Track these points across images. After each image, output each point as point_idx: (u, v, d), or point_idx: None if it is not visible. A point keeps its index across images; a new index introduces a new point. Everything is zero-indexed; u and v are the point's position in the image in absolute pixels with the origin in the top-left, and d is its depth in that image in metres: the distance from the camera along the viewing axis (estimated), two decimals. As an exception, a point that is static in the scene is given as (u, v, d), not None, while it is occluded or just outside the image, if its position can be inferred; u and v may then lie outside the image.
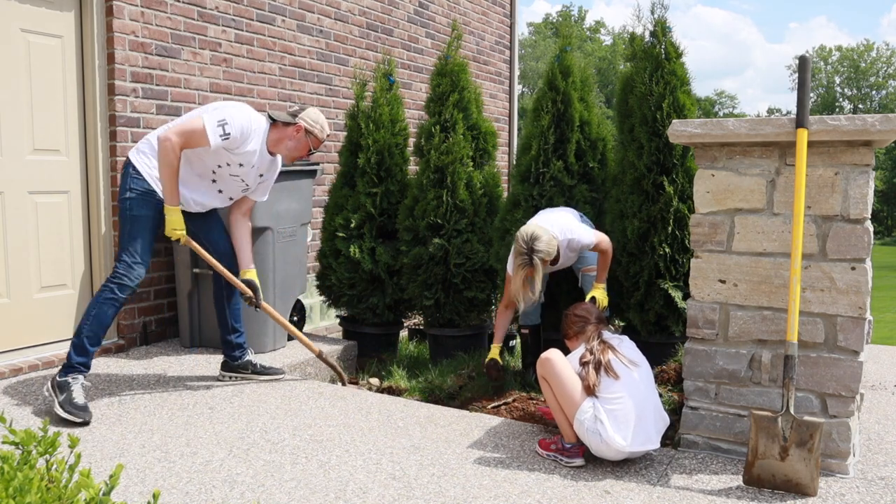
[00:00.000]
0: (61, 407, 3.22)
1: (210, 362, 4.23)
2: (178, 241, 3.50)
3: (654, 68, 4.02)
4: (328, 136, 3.71)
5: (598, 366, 2.92)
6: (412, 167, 4.96)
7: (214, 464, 2.84)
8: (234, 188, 3.64)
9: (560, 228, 3.65)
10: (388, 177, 4.83)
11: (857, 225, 2.76)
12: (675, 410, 3.43)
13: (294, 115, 3.59)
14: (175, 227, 3.44)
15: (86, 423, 3.19)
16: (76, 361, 3.36)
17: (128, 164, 3.52)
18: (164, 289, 4.71)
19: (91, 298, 3.39)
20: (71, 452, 1.56)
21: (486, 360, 3.95)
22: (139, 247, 3.46)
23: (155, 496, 1.47)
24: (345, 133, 5.04)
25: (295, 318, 4.87)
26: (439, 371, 4.31)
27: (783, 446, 2.63)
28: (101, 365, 4.14)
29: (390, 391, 4.17)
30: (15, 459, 1.48)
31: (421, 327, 5.66)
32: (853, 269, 2.77)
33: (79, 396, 3.27)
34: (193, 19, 4.84)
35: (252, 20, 5.26)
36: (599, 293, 3.78)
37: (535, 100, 4.44)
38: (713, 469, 2.87)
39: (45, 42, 4.18)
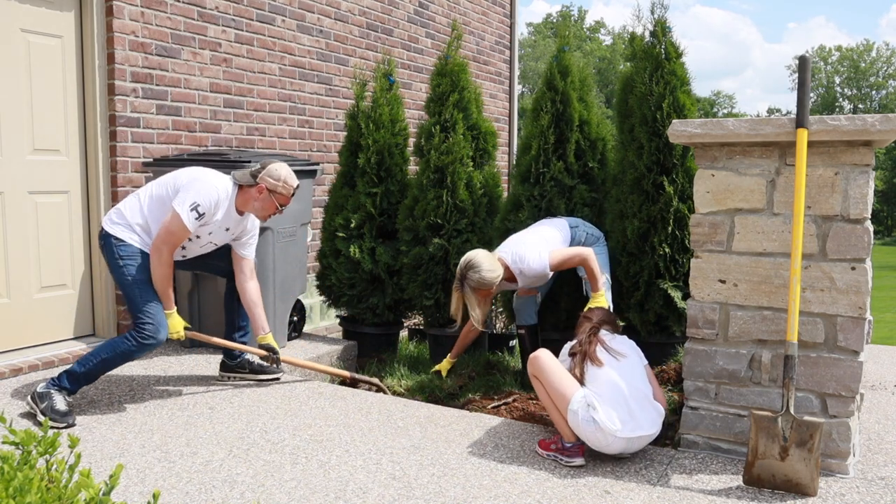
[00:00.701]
0: (43, 415, 3.20)
1: (210, 362, 4.23)
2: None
3: (654, 68, 4.02)
4: (297, 187, 3.60)
5: (583, 355, 3.01)
6: (412, 167, 4.96)
7: (214, 464, 2.84)
8: (203, 250, 3.66)
9: (516, 255, 3.68)
10: (388, 177, 4.82)
11: (857, 225, 2.76)
12: (675, 410, 3.43)
13: (255, 174, 3.51)
14: (174, 330, 3.43)
15: (70, 426, 3.18)
16: (65, 384, 3.32)
17: (107, 235, 3.41)
18: (164, 289, 4.70)
19: (112, 340, 3.38)
20: (71, 452, 1.56)
21: (433, 369, 4.21)
22: (156, 307, 3.37)
23: (155, 496, 1.47)
24: (345, 133, 5.04)
25: (295, 318, 4.87)
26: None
27: (783, 446, 2.63)
28: (101, 365, 4.13)
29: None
30: (15, 459, 1.48)
31: (421, 327, 5.66)
32: (853, 269, 2.77)
33: (60, 403, 3.24)
34: (193, 19, 4.84)
35: (252, 20, 5.26)
36: (597, 302, 3.75)
37: (534, 100, 4.44)
38: (713, 469, 2.87)
39: (45, 42, 4.18)
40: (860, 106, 57.69)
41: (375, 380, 4.11)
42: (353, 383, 4.19)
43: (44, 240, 4.24)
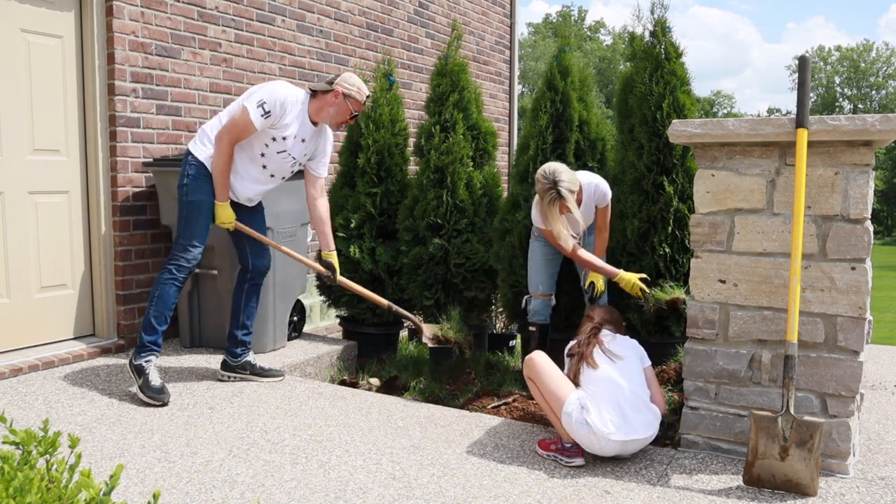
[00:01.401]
0: (142, 391, 3.49)
1: (210, 362, 4.23)
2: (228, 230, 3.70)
3: (654, 68, 4.02)
4: (368, 96, 3.77)
5: (580, 357, 3.02)
6: (412, 167, 4.96)
7: (214, 464, 2.84)
8: (283, 166, 3.73)
9: (591, 177, 3.78)
10: (388, 177, 4.82)
11: (857, 225, 2.76)
12: (675, 410, 3.43)
13: (331, 82, 3.67)
14: (224, 220, 3.65)
15: (164, 405, 3.46)
16: (147, 340, 3.57)
17: (187, 153, 3.67)
18: (164, 289, 4.70)
19: (155, 283, 3.65)
20: (71, 452, 1.56)
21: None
22: (195, 230, 3.61)
23: (155, 496, 1.47)
24: (345, 133, 5.04)
25: (295, 318, 4.87)
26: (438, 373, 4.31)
27: (783, 446, 2.63)
28: (101, 365, 4.14)
29: (391, 383, 4.15)
30: (15, 459, 1.48)
31: (421, 327, 5.65)
32: (853, 269, 2.77)
33: (155, 379, 3.54)
34: (193, 19, 4.84)
35: (252, 20, 5.26)
36: (599, 278, 3.87)
37: (533, 100, 4.45)
38: (713, 469, 2.87)
39: (45, 42, 4.18)
40: (860, 106, 57.67)
41: (413, 317, 4.14)
42: (353, 384, 4.19)
43: (44, 240, 4.24)
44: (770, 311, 2.91)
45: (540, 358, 3.03)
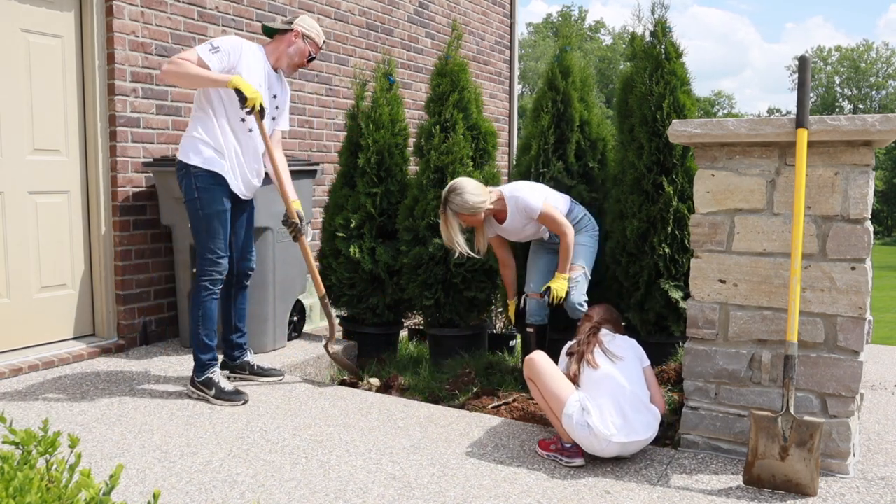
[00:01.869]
0: (220, 399, 3.53)
1: (210, 362, 4.22)
2: (252, 111, 3.42)
3: (654, 68, 4.02)
4: (325, 42, 3.76)
5: (580, 356, 3.01)
6: (412, 167, 4.96)
7: (214, 464, 2.84)
8: (265, 126, 3.63)
9: (515, 188, 3.78)
10: (388, 177, 4.82)
11: (857, 225, 2.76)
12: (675, 410, 3.43)
13: (289, 22, 3.65)
14: (253, 92, 3.37)
15: (246, 402, 3.53)
16: (206, 359, 3.60)
17: (180, 166, 3.54)
18: (164, 289, 4.71)
19: (192, 302, 3.62)
20: (71, 452, 1.56)
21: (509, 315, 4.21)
22: (219, 241, 3.56)
23: (155, 496, 1.47)
24: (345, 133, 5.04)
25: (295, 318, 4.87)
26: (437, 371, 4.31)
27: (783, 446, 2.63)
28: (101, 365, 4.14)
29: (389, 385, 4.15)
30: (15, 459, 1.48)
31: (421, 327, 5.66)
32: (853, 269, 2.77)
33: (226, 384, 3.59)
34: (193, 19, 4.84)
35: (252, 20, 5.26)
36: (556, 283, 3.74)
37: (534, 100, 4.44)
38: (713, 469, 2.87)
39: (45, 42, 4.18)
40: (860, 106, 57.67)
41: (333, 323, 4.13)
42: (353, 384, 4.19)
43: (44, 240, 4.24)
44: (770, 311, 2.91)
45: (540, 358, 3.02)
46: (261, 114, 3.50)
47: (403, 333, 5.37)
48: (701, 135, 2.93)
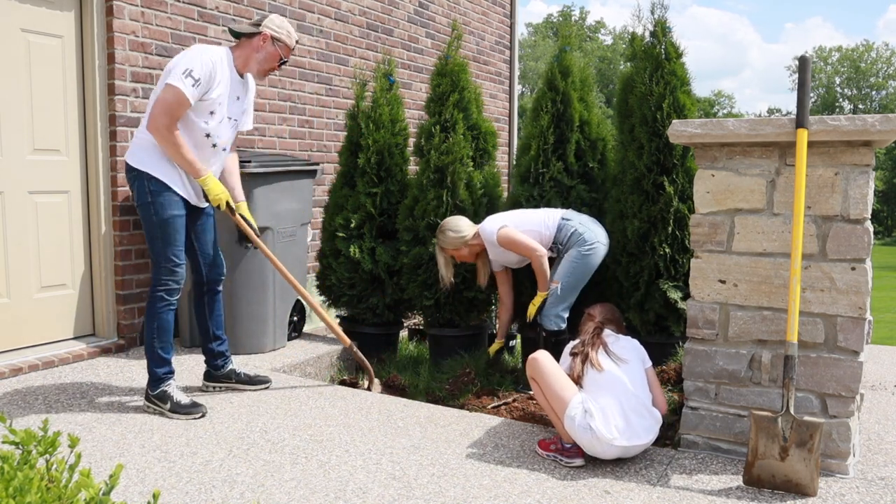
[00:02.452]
0: (174, 412, 3.36)
1: (210, 362, 4.22)
2: (218, 207, 3.39)
3: (654, 68, 4.01)
4: (297, 42, 3.54)
5: (584, 357, 2.99)
6: (412, 167, 4.96)
7: (214, 464, 2.84)
8: (226, 132, 3.47)
9: (484, 222, 4.02)
10: (388, 177, 4.82)
11: (857, 225, 2.76)
12: (675, 410, 3.43)
13: (257, 24, 3.41)
14: (218, 193, 3.34)
15: (204, 416, 3.37)
16: (161, 373, 3.43)
17: (130, 169, 3.36)
18: (164, 289, 4.70)
19: (147, 313, 3.45)
20: (71, 452, 1.56)
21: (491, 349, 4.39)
22: (176, 248, 3.38)
23: (155, 496, 1.46)
24: (345, 133, 5.04)
25: (295, 318, 4.87)
26: (437, 371, 4.30)
27: (783, 446, 2.63)
28: (101, 365, 4.14)
29: (391, 383, 4.15)
30: (15, 459, 1.48)
31: (421, 327, 5.65)
32: (853, 269, 2.77)
33: (181, 397, 3.41)
34: (193, 19, 4.84)
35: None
36: (533, 303, 3.99)
37: (534, 100, 4.44)
38: (713, 469, 2.87)
39: (45, 42, 4.18)
40: (860, 106, 57.66)
41: (370, 369, 4.06)
42: (353, 384, 4.19)
43: (44, 240, 4.24)
44: (770, 311, 2.90)
45: (543, 358, 3.01)
46: (226, 145, 3.49)
47: (403, 333, 5.37)
48: (701, 135, 2.93)
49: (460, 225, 4.03)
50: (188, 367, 4.12)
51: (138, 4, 4.48)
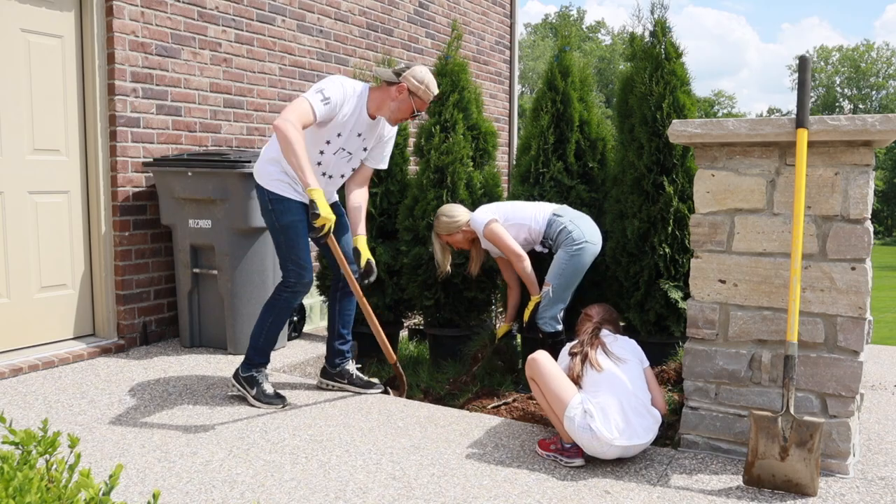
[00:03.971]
0: (257, 399, 3.51)
1: (210, 362, 4.23)
2: (325, 235, 3.16)
3: (654, 68, 4.02)
4: (436, 95, 3.54)
5: (584, 357, 3.00)
6: (412, 167, 4.96)
7: (214, 464, 2.84)
8: (341, 166, 3.53)
9: (479, 209, 4.03)
10: (388, 177, 4.82)
11: (857, 225, 2.76)
12: (675, 410, 3.43)
13: (399, 73, 3.40)
14: (327, 213, 3.10)
15: (284, 407, 3.51)
16: (258, 361, 3.58)
17: (256, 185, 3.50)
18: (164, 289, 4.71)
19: (267, 307, 3.55)
20: (71, 452, 1.56)
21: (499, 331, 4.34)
22: (302, 252, 3.46)
23: (155, 496, 1.46)
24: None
25: (295, 318, 4.87)
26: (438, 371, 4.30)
27: (783, 446, 2.63)
28: (102, 365, 4.14)
29: (391, 383, 4.14)
30: (15, 459, 1.48)
31: (421, 327, 5.65)
32: (853, 269, 2.77)
33: (268, 387, 3.56)
34: (193, 19, 4.84)
35: (252, 20, 5.26)
36: (528, 307, 4.02)
37: (534, 100, 4.45)
38: (713, 469, 2.87)
39: (45, 42, 4.18)
40: (860, 106, 57.64)
41: (404, 379, 3.98)
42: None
43: (44, 240, 4.24)
44: (770, 311, 2.90)
45: (542, 358, 3.01)
46: (342, 174, 3.55)
47: (403, 333, 5.37)
48: (701, 135, 2.93)
49: (455, 211, 4.05)
50: (188, 367, 4.13)
51: (138, 4, 4.48)
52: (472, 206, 4.59)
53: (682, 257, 3.95)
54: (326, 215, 3.08)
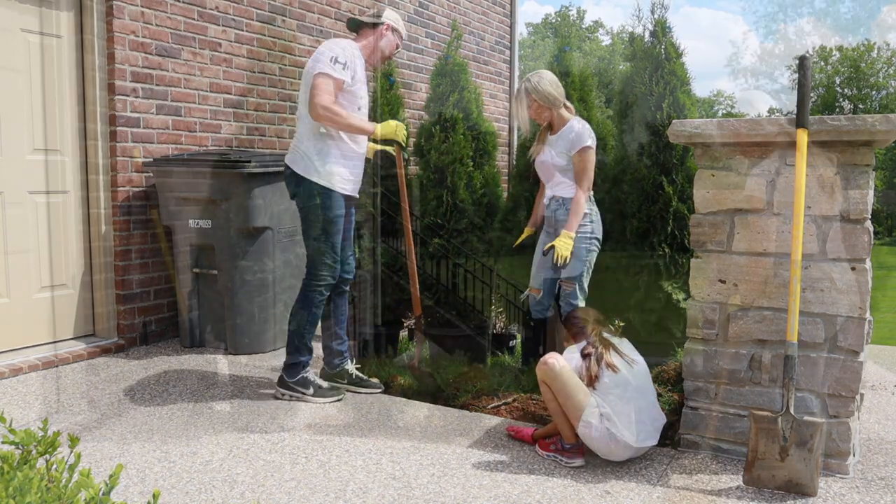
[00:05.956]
0: (317, 397, 3.59)
1: (210, 362, 4.23)
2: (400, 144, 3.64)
3: (654, 68, 4.02)
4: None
5: (599, 358, 2.96)
6: (412, 167, 4.96)
7: (214, 464, 2.84)
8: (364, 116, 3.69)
9: (579, 120, 3.70)
10: (389, 177, 4.82)
11: (857, 225, 2.76)
12: (675, 410, 3.43)
13: (377, 16, 3.67)
14: (395, 126, 3.61)
15: (341, 399, 3.62)
16: (305, 360, 3.65)
17: (293, 174, 3.52)
18: (164, 289, 4.71)
19: (300, 304, 3.60)
20: (71, 452, 1.56)
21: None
22: (336, 247, 3.56)
23: (155, 496, 1.46)
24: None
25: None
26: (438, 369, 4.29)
27: (783, 446, 2.63)
28: (102, 365, 4.14)
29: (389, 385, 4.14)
30: (15, 459, 1.48)
31: (421, 327, 5.65)
32: (853, 269, 2.77)
33: (322, 382, 3.67)
34: (193, 19, 4.83)
35: (252, 20, 5.26)
36: (559, 241, 3.61)
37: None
38: (713, 469, 2.87)
39: (45, 42, 4.18)
40: (860, 106, 57.58)
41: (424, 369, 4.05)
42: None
43: (44, 240, 4.24)
44: (770, 311, 2.90)
45: (558, 361, 2.93)
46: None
47: (403, 333, 5.37)
48: (701, 135, 2.93)
49: (557, 83, 3.70)
50: (188, 367, 4.13)
51: (138, 4, 4.48)
52: (473, 207, 4.59)
53: (682, 257, 3.95)
54: (395, 127, 3.60)
